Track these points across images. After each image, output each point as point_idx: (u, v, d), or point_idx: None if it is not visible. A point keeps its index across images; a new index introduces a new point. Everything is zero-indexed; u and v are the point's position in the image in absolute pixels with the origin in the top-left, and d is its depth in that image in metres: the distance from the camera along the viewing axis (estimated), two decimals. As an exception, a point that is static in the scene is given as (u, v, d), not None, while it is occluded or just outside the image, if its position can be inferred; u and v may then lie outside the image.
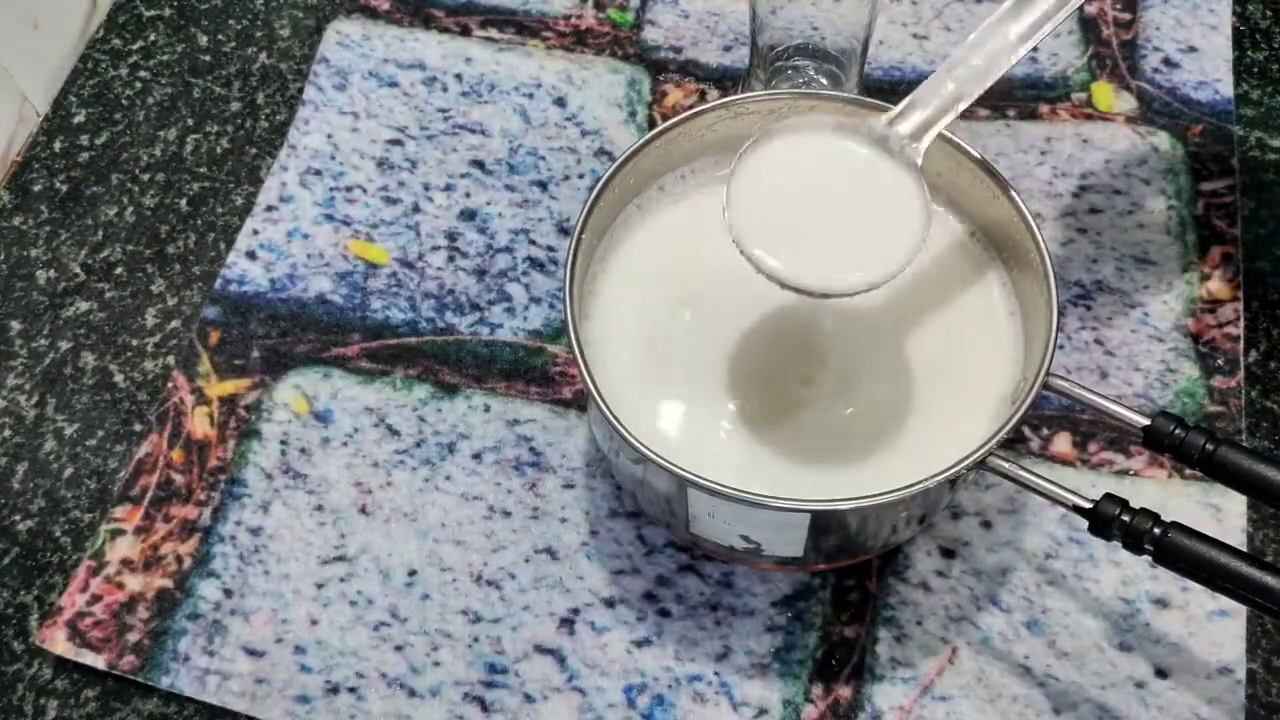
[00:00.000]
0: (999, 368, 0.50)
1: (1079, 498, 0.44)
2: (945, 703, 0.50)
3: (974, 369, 0.50)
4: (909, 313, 0.52)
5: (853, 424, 0.50)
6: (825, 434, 0.50)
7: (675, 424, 0.50)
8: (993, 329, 0.51)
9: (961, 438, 0.46)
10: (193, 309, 0.60)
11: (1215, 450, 0.44)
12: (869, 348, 0.51)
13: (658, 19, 0.67)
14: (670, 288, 0.52)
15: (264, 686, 0.51)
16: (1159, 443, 0.45)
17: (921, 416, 0.50)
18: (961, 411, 0.49)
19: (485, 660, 0.51)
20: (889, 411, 0.50)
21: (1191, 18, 0.66)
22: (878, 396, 0.50)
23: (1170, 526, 0.43)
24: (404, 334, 0.59)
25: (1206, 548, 0.42)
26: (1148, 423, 0.45)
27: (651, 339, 0.51)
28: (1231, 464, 0.44)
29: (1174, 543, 0.43)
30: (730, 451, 0.49)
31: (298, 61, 0.67)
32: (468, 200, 0.62)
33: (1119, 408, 0.46)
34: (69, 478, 0.56)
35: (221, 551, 0.54)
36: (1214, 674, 0.49)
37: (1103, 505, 0.44)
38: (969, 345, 0.51)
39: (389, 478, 0.55)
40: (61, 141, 0.65)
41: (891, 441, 0.49)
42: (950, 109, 0.47)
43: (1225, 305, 0.58)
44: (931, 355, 0.51)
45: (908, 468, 0.46)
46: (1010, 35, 0.48)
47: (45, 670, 0.52)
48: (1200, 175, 0.61)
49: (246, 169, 0.64)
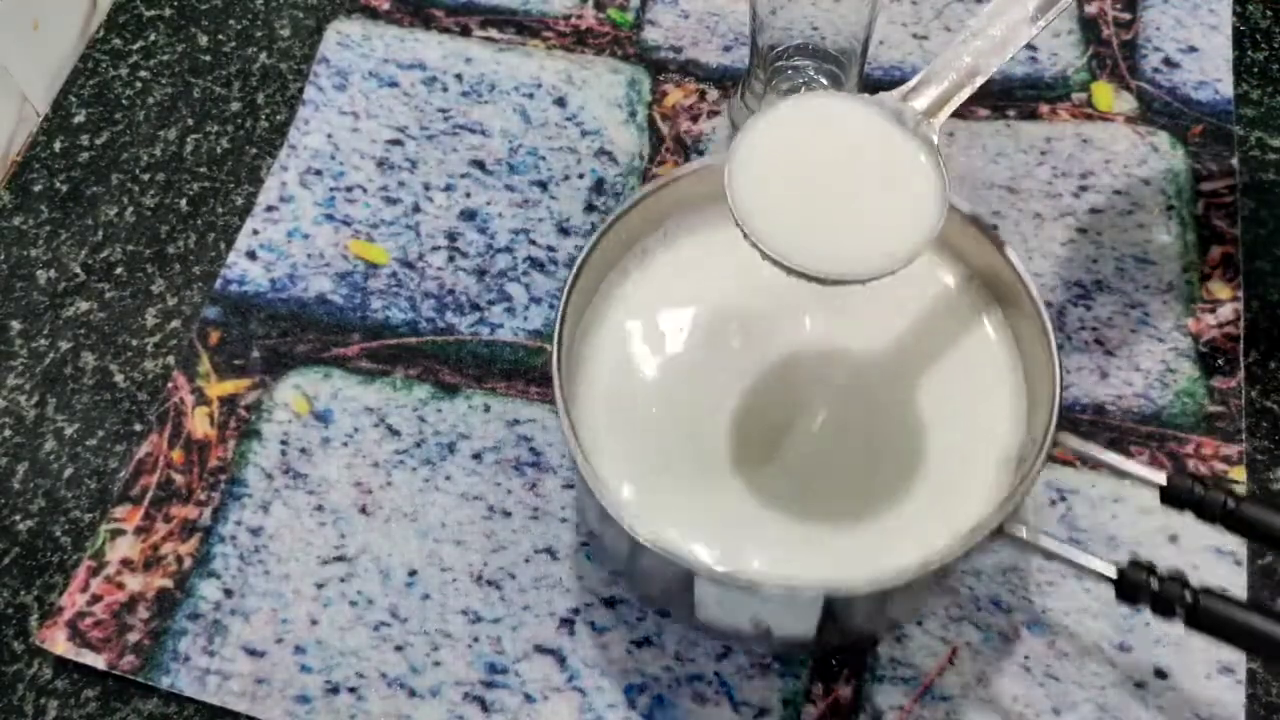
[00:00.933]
0: (1002, 422, 0.48)
1: (1104, 564, 0.43)
2: (945, 703, 0.50)
3: (977, 424, 0.48)
4: (907, 367, 0.50)
5: (855, 490, 0.48)
6: (827, 502, 0.48)
7: (668, 502, 0.47)
8: (994, 382, 0.49)
9: (969, 498, 0.45)
10: (193, 309, 0.60)
11: (1237, 506, 0.43)
12: (866, 407, 0.49)
13: (658, 19, 0.67)
14: (661, 354, 0.50)
15: (264, 686, 0.51)
16: (1178, 500, 0.44)
17: (926, 478, 0.47)
18: (967, 470, 0.47)
19: (485, 660, 0.51)
20: (893, 474, 0.48)
21: (1191, 18, 0.66)
22: (879, 459, 0.48)
23: (1201, 592, 0.42)
24: (404, 334, 0.59)
25: (1240, 612, 0.41)
26: (1164, 482, 0.44)
27: (644, 414, 0.49)
28: (1256, 519, 0.43)
29: (1207, 609, 0.42)
30: (732, 529, 0.47)
31: (298, 61, 0.67)
32: (468, 200, 0.62)
33: (1134, 465, 0.45)
34: (69, 478, 0.56)
35: (222, 551, 0.54)
36: (1214, 674, 0.49)
37: (1130, 572, 0.43)
38: (971, 400, 0.49)
39: (389, 478, 0.55)
40: (61, 141, 0.65)
41: (897, 506, 0.47)
42: (967, 83, 0.45)
43: (1225, 305, 0.58)
44: (933, 412, 0.49)
45: (917, 531, 0.45)
46: (1030, 4, 0.45)
47: (45, 670, 0.52)
48: (1200, 175, 0.61)
49: (247, 169, 0.64)
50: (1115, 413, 0.55)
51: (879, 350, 0.50)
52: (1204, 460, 0.54)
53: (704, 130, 0.63)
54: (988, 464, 0.47)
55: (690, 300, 0.51)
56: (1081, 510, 0.53)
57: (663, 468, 0.48)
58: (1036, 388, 0.48)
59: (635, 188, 0.62)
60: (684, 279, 0.52)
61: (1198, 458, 0.54)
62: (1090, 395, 0.56)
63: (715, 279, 0.51)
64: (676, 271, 0.52)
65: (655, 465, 0.48)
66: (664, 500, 0.47)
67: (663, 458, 0.48)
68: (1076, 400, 0.56)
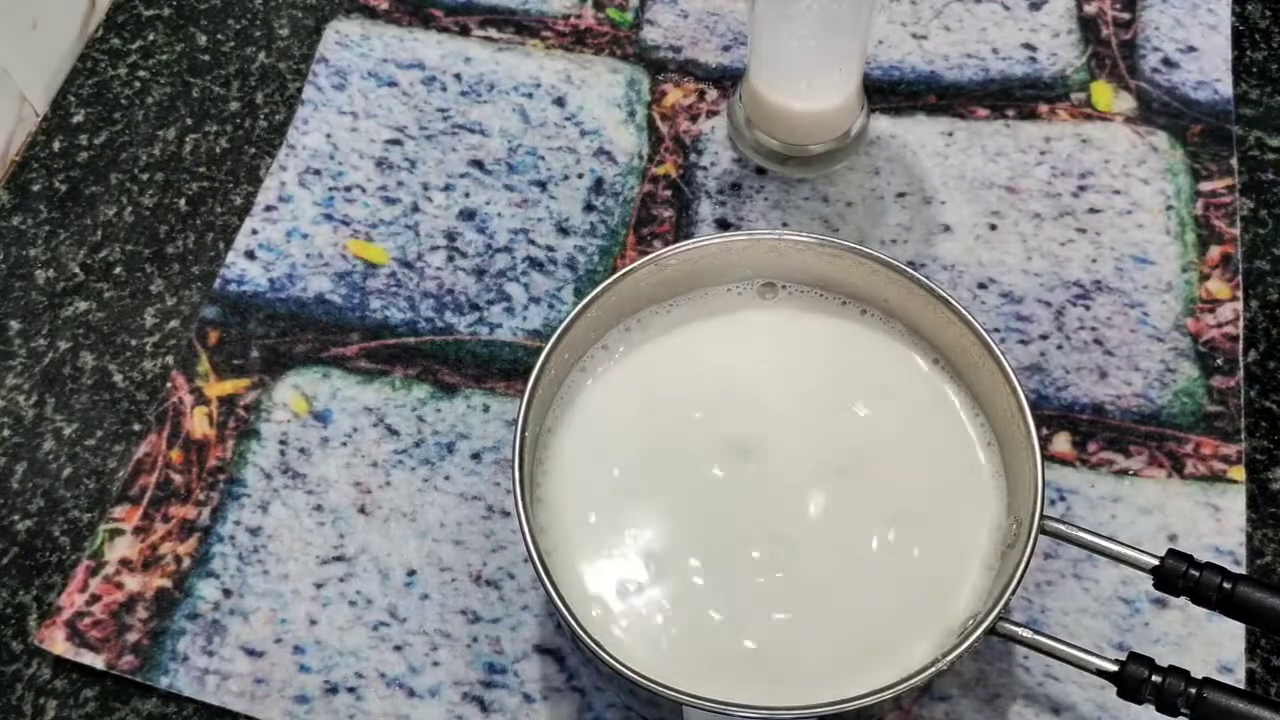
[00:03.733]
0: (982, 508, 0.48)
1: (1103, 660, 0.43)
2: (945, 703, 0.50)
3: (956, 513, 0.48)
4: (879, 458, 0.49)
5: (836, 593, 0.47)
6: (807, 607, 0.46)
7: (635, 620, 0.46)
8: (971, 466, 0.48)
9: (957, 590, 0.45)
10: (192, 309, 0.60)
11: (1234, 589, 0.43)
12: (840, 503, 0.48)
13: (657, 19, 0.67)
14: (624, 457, 0.49)
15: (263, 686, 0.51)
16: (1171, 584, 0.44)
17: (909, 574, 0.47)
18: (951, 561, 0.47)
19: (484, 660, 0.51)
20: (873, 572, 0.47)
21: (1191, 18, 0.66)
22: (858, 557, 0.47)
23: (1203, 684, 0.41)
24: (403, 334, 0.59)
25: (1246, 704, 0.41)
26: (1156, 563, 0.44)
27: (609, 524, 0.48)
28: (1254, 602, 0.43)
29: (1211, 703, 0.41)
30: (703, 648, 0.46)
31: (297, 61, 0.67)
32: (467, 200, 0.62)
33: (1125, 549, 0.45)
34: (68, 477, 0.56)
35: (220, 551, 0.54)
36: (1214, 674, 0.49)
37: (1130, 669, 0.42)
38: (948, 488, 0.48)
39: (388, 477, 0.55)
40: (60, 141, 0.65)
41: (882, 606, 0.46)
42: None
43: (1224, 305, 0.58)
44: (910, 504, 0.48)
45: (904, 631, 0.45)
46: None
47: (44, 670, 0.52)
48: (1200, 175, 0.61)
49: (245, 169, 0.64)
50: (1114, 413, 0.55)
51: (851, 440, 0.49)
52: (1203, 460, 0.54)
53: (703, 130, 0.63)
54: (975, 550, 0.47)
55: (654, 390, 0.51)
56: (1081, 510, 0.53)
57: (627, 582, 0.47)
58: (1015, 467, 0.47)
59: (635, 187, 0.62)
60: (642, 379, 0.51)
61: (1197, 457, 0.54)
62: (1090, 395, 0.56)
63: (676, 375, 0.51)
64: (629, 374, 0.51)
65: (617, 580, 0.47)
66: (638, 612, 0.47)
67: (624, 574, 0.47)
68: (1076, 400, 0.56)
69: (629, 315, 0.52)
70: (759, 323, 0.52)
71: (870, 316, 0.52)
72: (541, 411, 0.49)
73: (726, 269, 0.52)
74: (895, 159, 0.62)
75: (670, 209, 0.61)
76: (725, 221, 0.61)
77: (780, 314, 0.52)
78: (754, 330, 0.52)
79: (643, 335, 0.52)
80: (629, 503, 0.49)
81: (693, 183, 0.62)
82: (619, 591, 0.47)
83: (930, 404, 0.50)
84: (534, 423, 0.48)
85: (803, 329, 0.52)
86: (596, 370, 0.51)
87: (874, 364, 0.51)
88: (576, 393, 0.51)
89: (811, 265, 0.51)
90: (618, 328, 0.52)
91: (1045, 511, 0.45)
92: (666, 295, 0.52)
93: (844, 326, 0.52)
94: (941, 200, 0.61)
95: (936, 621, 0.46)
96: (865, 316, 0.52)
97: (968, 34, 0.65)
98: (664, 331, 0.52)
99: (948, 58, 0.65)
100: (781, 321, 0.52)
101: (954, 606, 0.46)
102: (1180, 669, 0.42)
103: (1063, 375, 0.56)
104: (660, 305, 0.52)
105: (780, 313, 0.52)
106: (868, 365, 0.51)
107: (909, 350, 0.51)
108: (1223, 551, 0.52)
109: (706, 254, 0.51)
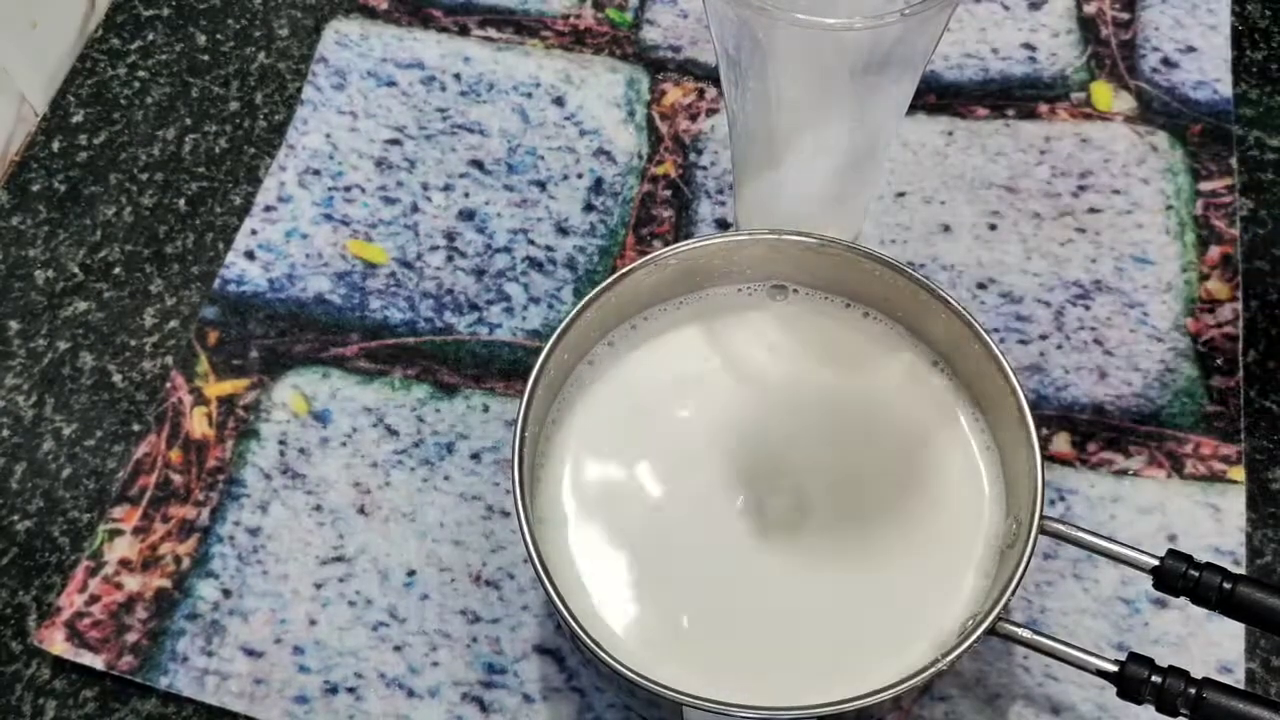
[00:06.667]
0: (982, 509, 0.48)
1: (1103, 660, 0.43)
2: (945, 703, 0.50)
3: (956, 513, 0.48)
4: (880, 458, 0.49)
5: (836, 593, 0.46)
6: (807, 607, 0.46)
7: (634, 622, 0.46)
8: (971, 466, 0.48)
9: (956, 590, 0.46)
10: (191, 309, 0.60)
11: (1234, 589, 0.43)
12: (840, 503, 0.48)
13: (657, 18, 0.67)
14: (624, 457, 0.49)
15: (262, 687, 0.51)
16: (1171, 585, 0.44)
17: (909, 574, 0.47)
18: (950, 561, 0.47)
19: (484, 660, 0.51)
20: (873, 572, 0.47)
21: (1190, 17, 0.66)
22: (858, 556, 0.47)
23: (1203, 684, 0.41)
24: (402, 334, 0.59)
25: (1246, 705, 0.41)
26: (1156, 563, 0.44)
27: (610, 524, 0.48)
28: (1254, 603, 0.42)
29: (1212, 703, 0.41)
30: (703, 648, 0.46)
31: (296, 61, 0.67)
32: (466, 200, 0.62)
33: (1125, 549, 0.45)
34: (67, 478, 0.56)
35: (220, 552, 0.54)
36: (1214, 673, 0.49)
37: (1130, 669, 0.42)
38: (948, 488, 0.48)
39: (387, 478, 0.55)
40: (60, 141, 0.65)
41: (882, 606, 0.46)
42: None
43: (1224, 305, 0.58)
44: (910, 504, 0.48)
45: (904, 631, 0.45)
46: None
47: (43, 670, 0.52)
48: (1199, 175, 0.61)
49: (245, 169, 0.64)
50: (1114, 412, 0.55)
51: (848, 443, 0.49)
52: (1203, 460, 0.54)
53: (703, 129, 0.63)
54: (974, 551, 0.47)
55: (648, 396, 0.51)
56: (1081, 510, 0.53)
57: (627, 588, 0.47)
58: (1014, 469, 0.47)
59: (634, 187, 0.62)
60: (643, 380, 0.51)
61: (1196, 457, 0.54)
62: (1089, 395, 0.56)
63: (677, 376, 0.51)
64: (630, 374, 0.51)
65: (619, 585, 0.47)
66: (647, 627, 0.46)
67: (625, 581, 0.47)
68: (1076, 400, 0.56)
69: (630, 315, 0.52)
70: (762, 324, 0.52)
71: (871, 319, 0.52)
72: (541, 411, 0.49)
73: (727, 269, 0.52)
74: (894, 158, 0.62)
75: (670, 209, 0.61)
76: (725, 221, 0.61)
77: (785, 316, 0.52)
78: (757, 332, 0.52)
79: (644, 335, 0.52)
80: (629, 503, 0.49)
81: (692, 182, 0.62)
82: (619, 592, 0.47)
83: (930, 404, 0.50)
84: (534, 423, 0.48)
85: (806, 330, 0.52)
86: (597, 370, 0.51)
87: (874, 364, 0.51)
88: (577, 393, 0.51)
89: (812, 265, 0.51)
90: (619, 327, 0.52)
91: (1045, 512, 0.44)
92: (667, 295, 0.52)
93: (845, 327, 0.52)
94: (941, 200, 0.61)
95: (936, 622, 0.46)
96: (867, 320, 0.52)
97: (967, 34, 0.65)
98: (665, 331, 0.52)
99: (947, 57, 0.65)
100: (785, 323, 0.52)
101: (953, 607, 0.46)
102: (1180, 669, 0.42)
103: (1062, 375, 0.56)
104: (662, 305, 0.52)
105: (785, 314, 0.52)
106: (868, 365, 0.51)
107: (909, 350, 0.51)
108: (1223, 551, 0.52)
109: (707, 254, 0.51)
